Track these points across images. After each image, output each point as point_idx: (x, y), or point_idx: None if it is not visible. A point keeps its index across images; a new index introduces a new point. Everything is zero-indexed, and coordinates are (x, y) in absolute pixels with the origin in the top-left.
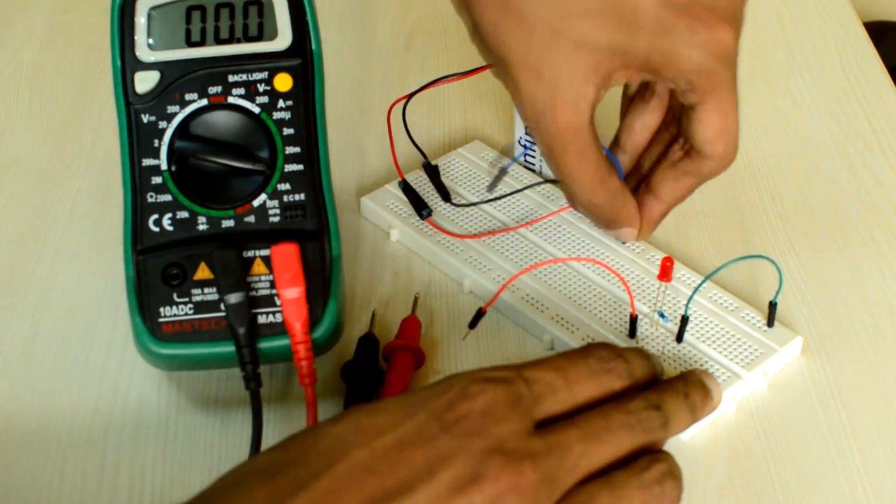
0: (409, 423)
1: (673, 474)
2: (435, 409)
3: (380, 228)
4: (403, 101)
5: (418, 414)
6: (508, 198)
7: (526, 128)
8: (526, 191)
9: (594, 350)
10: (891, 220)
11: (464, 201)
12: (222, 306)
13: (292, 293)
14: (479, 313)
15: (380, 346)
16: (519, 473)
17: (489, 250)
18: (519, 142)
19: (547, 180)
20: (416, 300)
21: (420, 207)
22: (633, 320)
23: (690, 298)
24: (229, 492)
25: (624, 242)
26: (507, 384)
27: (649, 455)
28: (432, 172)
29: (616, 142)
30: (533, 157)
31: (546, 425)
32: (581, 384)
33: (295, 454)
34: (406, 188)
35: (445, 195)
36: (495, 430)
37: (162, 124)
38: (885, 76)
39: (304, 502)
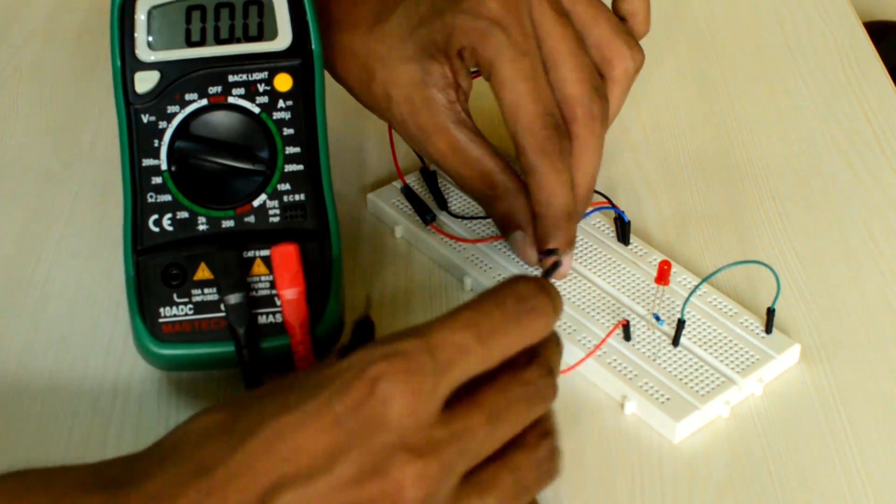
0: (311, 403)
1: (558, 450)
2: (335, 390)
3: (385, 225)
4: None
5: (320, 395)
6: None
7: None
8: None
9: (511, 288)
10: (891, 220)
11: (467, 203)
12: (222, 306)
13: (292, 293)
14: None
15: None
16: (422, 468)
17: (492, 250)
18: None
19: None
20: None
21: (423, 213)
22: (627, 325)
23: (686, 301)
24: (147, 468)
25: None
26: (408, 359)
27: (537, 429)
28: (430, 178)
29: None
30: None
31: (451, 403)
32: (498, 337)
33: (213, 429)
34: (408, 194)
35: (442, 203)
36: (397, 423)
37: (162, 124)
38: (885, 76)
39: (203, 490)
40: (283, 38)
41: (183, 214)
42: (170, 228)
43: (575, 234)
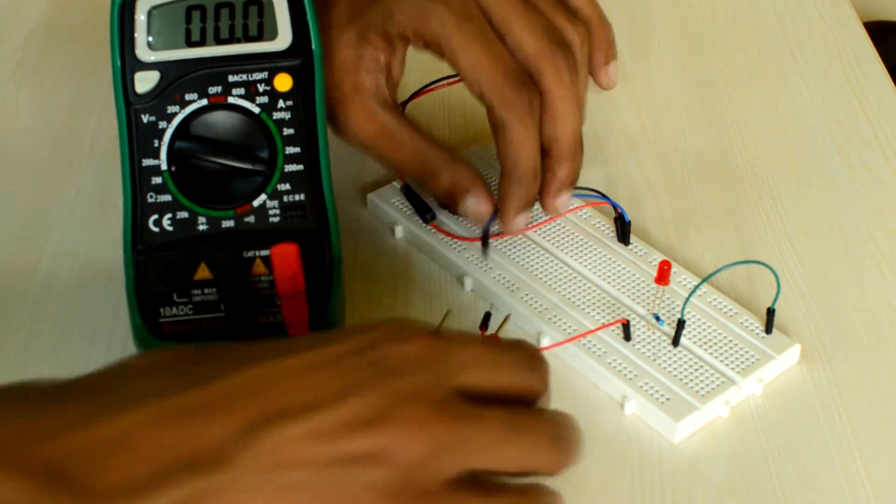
0: (327, 349)
1: None
2: (358, 343)
3: (384, 225)
4: (402, 105)
5: (340, 343)
6: None
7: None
8: None
9: (523, 347)
10: (891, 220)
11: None
12: (222, 306)
13: (292, 293)
14: (487, 316)
15: None
16: (431, 423)
17: (492, 250)
18: None
19: None
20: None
21: (423, 211)
22: (627, 325)
23: (686, 302)
24: (138, 371)
25: (487, 233)
26: (436, 338)
27: (540, 486)
28: None
29: None
30: None
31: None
32: (503, 371)
33: (215, 353)
34: (408, 192)
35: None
36: (416, 377)
37: (162, 124)
38: (885, 76)
39: (192, 400)
40: (283, 38)
41: (183, 214)
42: (170, 228)
43: (535, 195)
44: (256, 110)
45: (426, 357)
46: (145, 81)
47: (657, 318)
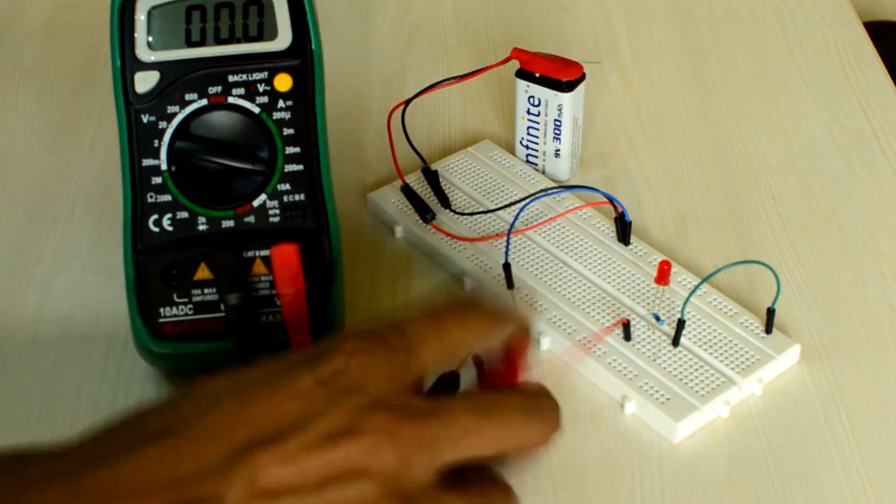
0: (284, 377)
1: None
2: (310, 365)
3: (384, 225)
4: (402, 106)
5: (293, 370)
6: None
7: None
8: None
9: (473, 307)
10: (891, 220)
11: (468, 202)
12: (222, 306)
13: (292, 293)
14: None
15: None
16: (398, 428)
17: (492, 250)
18: (521, 142)
19: (551, 188)
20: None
21: (423, 211)
22: (627, 325)
23: (686, 302)
24: (101, 434)
25: None
26: (380, 337)
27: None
28: (431, 177)
29: None
30: (536, 156)
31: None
32: (451, 330)
33: (170, 402)
34: (408, 192)
35: (444, 201)
36: (374, 387)
37: (162, 124)
38: (885, 76)
39: (167, 448)
40: (283, 38)
41: (183, 214)
42: (170, 228)
43: None
44: (256, 110)
45: (377, 363)
46: (145, 81)
47: (657, 318)
